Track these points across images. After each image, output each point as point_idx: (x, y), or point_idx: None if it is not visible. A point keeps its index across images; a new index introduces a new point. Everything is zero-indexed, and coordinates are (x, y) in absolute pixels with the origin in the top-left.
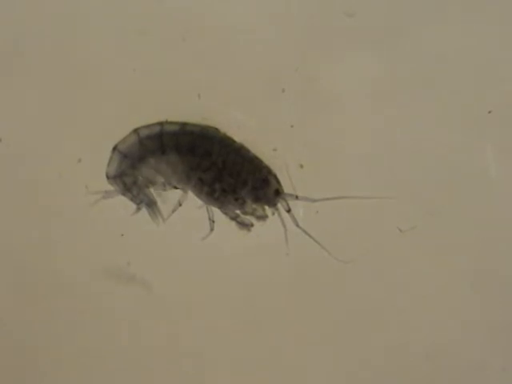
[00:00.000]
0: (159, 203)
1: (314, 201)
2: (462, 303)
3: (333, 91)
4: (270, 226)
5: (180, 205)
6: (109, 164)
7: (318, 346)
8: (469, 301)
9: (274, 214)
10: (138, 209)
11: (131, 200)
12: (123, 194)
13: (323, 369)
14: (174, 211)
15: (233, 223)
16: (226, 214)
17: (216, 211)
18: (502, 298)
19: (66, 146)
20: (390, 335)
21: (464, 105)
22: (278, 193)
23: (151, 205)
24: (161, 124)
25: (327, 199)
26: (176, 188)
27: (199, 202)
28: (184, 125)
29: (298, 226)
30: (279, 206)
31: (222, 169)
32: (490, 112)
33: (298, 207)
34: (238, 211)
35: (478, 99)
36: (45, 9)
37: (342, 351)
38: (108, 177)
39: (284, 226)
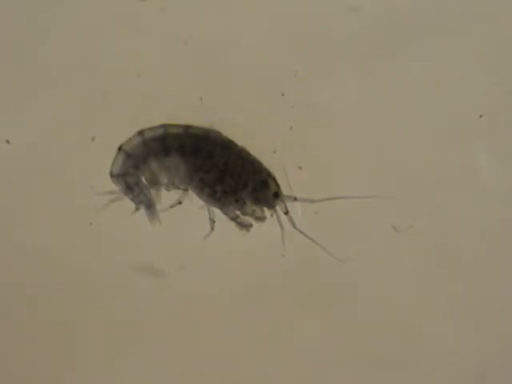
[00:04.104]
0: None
1: (313, 201)
2: (460, 303)
3: (331, 94)
4: (270, 227)
5: (180, 203)
6: (113, 163)
7: (315, 347)
8: (466, 300)
9: (272, 215)
10: (137, 209)
11: (131, 200)
12: (125, 194)
13: (321, 369)
14: (172, 207)
15: (232, 223)
16: (226, 214)
17: (216, 211)
18: (499, 297)
19: (71, 148)
20: (389, 335)
21: (457, 109)
22: (277, 195)
23: (150, 207)
24: (164, 126)
25: (325, 200)
26: (178, 188)
27: (200, 202)
28: (187, 127)
29: (295, 227)
30: (278, 207)
31: (223, 171)
32: (481, 116)
33: (296, 207)
34: (237, 212)
35: (470, 104)
36: (56, 13)
37: (339, 350)
38: (111, 175)
39: (282, 227)
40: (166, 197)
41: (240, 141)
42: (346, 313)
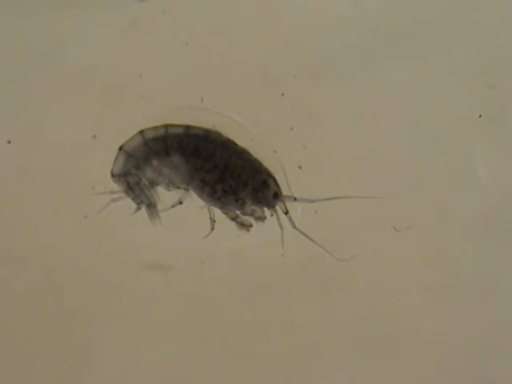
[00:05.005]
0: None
1: (312, 201)
2: (460, 303)
3: (331, 94)
4: (270, 227)
5: (181, 203)
6: (114, 163)
7: (313, 348)
8: (466, 301)
9: (272, 215)
10: (138, 209)
11: (132, 200)
12: (126, 193)
13: (320, 371)
14: (173, 207)
15: (233, 223)
16: (226, 214)
17: (217, 211)
18: (500, 296)
19: (72, 148)
20: (390, 335)
21: (456, 109)
22: (277, 195)
23: (150, 206)
24: (165, 126)
25: (325, 200)
26: (179, 188)
27: (201, 202)
28: (188, 127)
29: (294, 227)
30: (278, 207)
31: (224, 171)
32: (480, 116)
33: (296, 207)
34: (237, 212)
35: (469, 104)
36: (55, 13)
37: (337, 352)
38: (112, 175)
39: (281, 227)
40: (166, 197)
41: (240, 141)
42: (345, 312)
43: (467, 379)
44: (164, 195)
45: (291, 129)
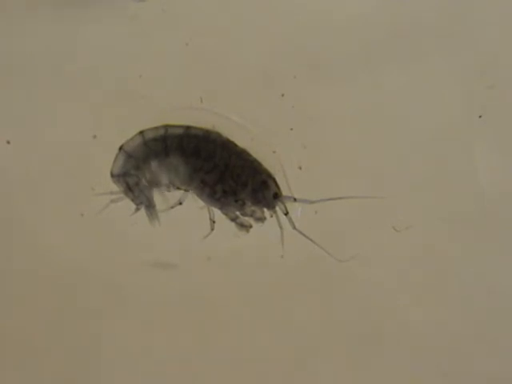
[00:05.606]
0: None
1: (312, 202)
2: (460, 303)
3: (331, 95)
4: (270, 227)
5: (180, 203)
6: (114, 163)
7: (313, 348)
8: (466, 301)
9: (272, 216)
10: (137, 209)
11: (132, 200)
12: (125, 194)
13: (320, 371)
14: (173, 207)
15: (232, 224)
16: (226, 214)
17: (217, 212)
18: (499, 297)
19: (72, 148)
20: (387, 336)
21: (456, 110)
22: (277, 196)
23: (150, 207)
24: (165, 127)
25: (325, 200)
26: (179, 189)
27: (201, 202)
28: (187, 128)
29: (294, 228)
30: (277, 208)
31: (223, 171)
32: (480, 116)
33: (296, 208)
34: (237, 212)
35: (469, 104)
36: (54, 13)
37: (337, 352)
38: (112, 175)
39: (281, 228)
40: (166, 197)
41: (240, 141)
42: (345, 312)
43: (467, 379)
44: (164, 196)
45: (291, 129)
